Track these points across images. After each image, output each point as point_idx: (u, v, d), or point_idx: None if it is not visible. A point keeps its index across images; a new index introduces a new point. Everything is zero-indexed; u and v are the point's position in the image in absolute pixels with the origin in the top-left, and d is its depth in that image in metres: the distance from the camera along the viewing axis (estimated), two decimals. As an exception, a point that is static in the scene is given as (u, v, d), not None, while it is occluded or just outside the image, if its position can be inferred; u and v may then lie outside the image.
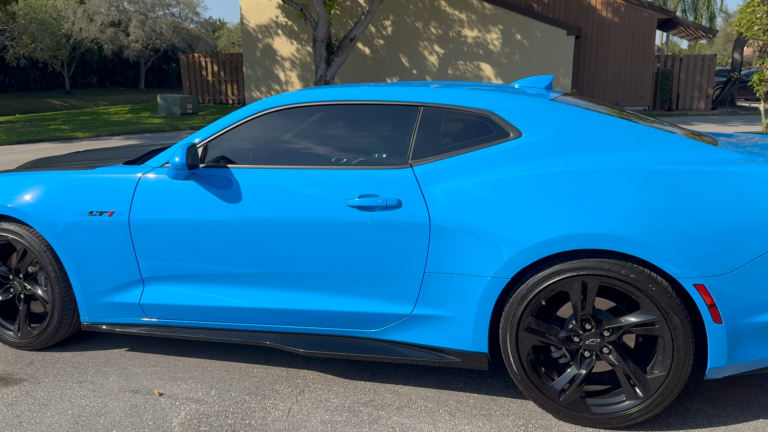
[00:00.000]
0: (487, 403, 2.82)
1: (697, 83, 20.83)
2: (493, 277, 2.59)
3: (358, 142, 3.06)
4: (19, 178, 3.37)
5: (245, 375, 3.13)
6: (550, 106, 2.78)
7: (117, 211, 3.10)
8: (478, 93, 2.87)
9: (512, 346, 2.63)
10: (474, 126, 2.80)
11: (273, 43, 21.43)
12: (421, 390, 2.95)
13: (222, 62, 22.77)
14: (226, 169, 3.02)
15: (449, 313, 2.73)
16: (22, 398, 2.93)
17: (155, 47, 40.80)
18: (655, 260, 2.40)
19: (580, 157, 2.62)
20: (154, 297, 3.15)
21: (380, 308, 2.84)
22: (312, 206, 2.84)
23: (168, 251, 3.06)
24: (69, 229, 3.17)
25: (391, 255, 2.77)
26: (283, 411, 2.79)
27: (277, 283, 2.96)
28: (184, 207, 3.01)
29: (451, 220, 2.67)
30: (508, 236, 2.56)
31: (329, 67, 17.70)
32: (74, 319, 3.37)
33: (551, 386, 2.62)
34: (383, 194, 2.76)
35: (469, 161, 2.72)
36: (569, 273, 2.50)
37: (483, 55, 19.93)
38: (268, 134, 3.11)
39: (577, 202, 2.51)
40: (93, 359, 3.34)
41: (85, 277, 3.21)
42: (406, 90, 2.96)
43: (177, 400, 2.89)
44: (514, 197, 2.59)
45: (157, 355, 3.37)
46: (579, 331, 2.59)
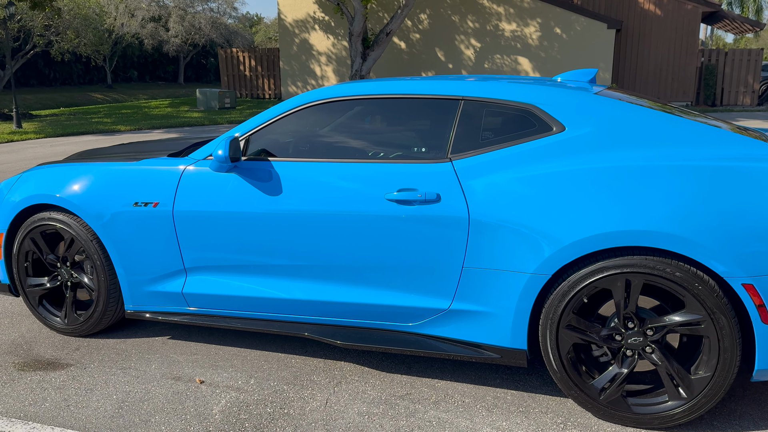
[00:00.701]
0: (525, 400, 2.80)
1: (742, 78, 20.21)
2: (534, 273, 2.56)
3: (397, 136, 3.06)
4: (68, 169, 3.46)
5: (283, 365, 3.17)
6: (594, 100, 2.73)
7: (161, 202, 3.17)
8: (520, 86, 2.84)
9: (552, 344, 2.60)
10: (516, 120, 2.77)
11: (309, 38, 21.56)
12: (457, 385, 2.94)
13: (259, 57, 23.01)
14: (267, 162, 3.06)
15: (488, 309, 2.72)
16: (69, 382, 3.03)
17: (194, 42, 41.45)
18: (702, 258, 2.34)
19: (624, 152, 2.57)
20: (196, 287, 3.21)
21: (417, 302, 2.85)
22: (351, 199, 2.85)
23: (210, 242, 3.11)
24: (115, 220, 3.25)
25: (429, 249, 2.76)
26: (320, 401, 2.81)
27: (315, 275, 2.98)
28: (226, 199, 3.05)
29: (490, 215, 2.65)
30: (549, 232, 2.53)
31: (365, 62, 17.72)
32: (119, 307, 3.46)
33: (591, 384, 2.59)
34: (422, 188, 2.76)
35: (511, 155, 2.70)
36: (613, 270, 2.46)
37: (521, 49, 19.69)
38: (307, 128, 3.14)
39: (621, 198, 2.46)
40: (136, 346, 3.43)
41: (129, 267, 3.29)
42: (446, 83, 2.95)
43: (217, 388, 2.95)
44: (557, 193, 2.56)
45: (198, 344, 3.44)
46: (621, 329, 2.55)
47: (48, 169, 3.56)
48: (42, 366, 3.21)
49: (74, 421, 2.68)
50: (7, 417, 2.73)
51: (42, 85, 33.17)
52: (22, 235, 3.50)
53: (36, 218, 3.45)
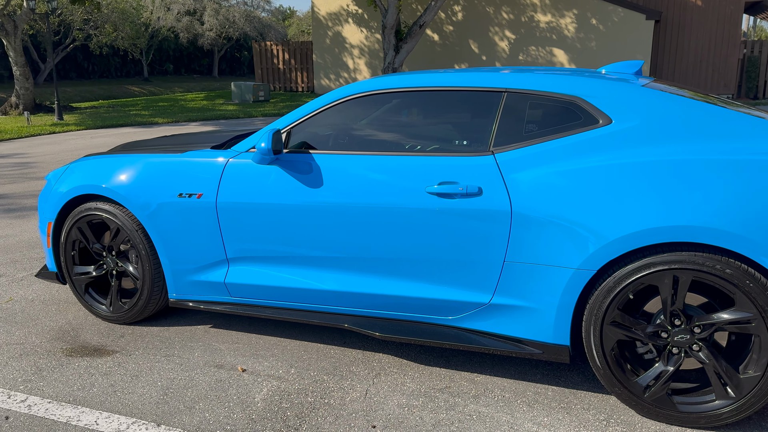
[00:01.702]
0: (566, 396, 2.78)
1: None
2: (578, 269, 2.53)
3: (438, 129, 3.05)
4: (114, 160, 3.54)
5: (323, 355, 3.20)
6: (642, 92, 2.68)
7: (205, 193, 3.22)
8: (565, 78, 2.80)
9: (596, 340, 2.57)
10: (560, 112, 2.74)
11: (342, 30, 21.60)
12: (497, 380, 2.93)
13: (293, 50, 23.14)
14: (308, 155, 3.08)
15: (530, 304, 2.70)
16: (115, 369, 3.11)
17: (228, 36, 41.91)
18: (754, 255, 2.28)
19: (673, 146, 2.52)
20: (238, 277, 3.26)
21: (458, 296, 2.84)
22: (391, 192, 2.85)
23: (252, 233, 3.15)
24: (159, 210, 3.32)
25: (470, 243, 2.75)
26: (360, 392, 2.84)
27: (355, 268, 3.00)
28: (267, 191, 3.09)
29: (534, 209, 2.62)
30: (595, 227, 2.49)
31: (397, 54, 17.68)
32: (162, 296, 3.54)
33: (636, 382, 2.55)
34: (463, 181, 2.75)
35: (555, 149, 2.67)
36: (660, 267, 2.41)
37: (556, 41, 19.41)
38: (347, 121, 3.15)
39: (670, 193, 2.41)
40: (179, 334, 3.50)
41: (173, 256, 3.36)
42: (489, 75, 2.93)
43: (259, 377, 2.99)
44: (603, 187, 2.52)
45: (239, 333, 3.50)
46: (667, 326, 2.50)
47: (94, 160, 3.65)
48: (89, 352, 3.30)
49: (121, 407, 2.75)
50: (57, 401, 2.81)
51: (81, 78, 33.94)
52: (69, 224, 3.60)
53: (83, 208, 3.54)
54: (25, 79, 18.21)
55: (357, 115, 3.14)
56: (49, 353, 3.29)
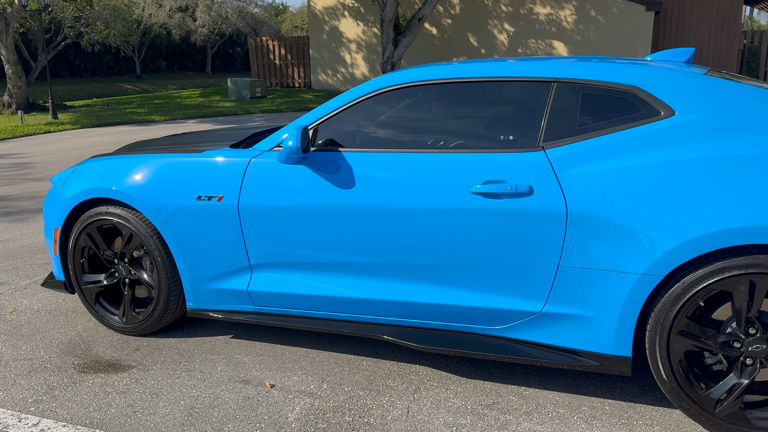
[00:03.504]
0: (625, 411, 2.57)
1: (788, 60, 19.44)
2: (644, 275, 2.32)
3: (481, 124, 2.83)
4: (125, 161, 3.31)
5: (355, 368, 2.99)
6: (705, 81, 2.47)
7: (226, 195, 2.99)
8: (621, 66, 2.59)
9: (662, 351, 2.37)
10: (617, 103, 2.52)
11: (339, 25, 21.32)
12: (548, 394, 2.72)
13: (289, 45, 22.84)
14: (338, 153, 2.86)
15: (588, 312, 2.49)
16: (132, 386, 2.88)
17: (221, 32, 41.49)
18: None
19: (744, 139, 2.31)
20: (263, 284, 3.03)
21: (505, 304, 2.63)
22: (431, 193, 2.64)
23: (278, 238, 2.93)
24: (177, 214, 3.09)
25: (520, 247, 2.54)
26: (401, 410, 2.62)
27: (392, 274, 2.78)
28: (295, 192, 2.87)
29: (592, 209, 2.41)
30: (662, 229, 2.28)
31: (396, 48, 17.44)
32: (179, 305, 3.31)
33: (706, 396, 2.35)
34: (512, 180, 2.53)
35: (613, 143, 2.45)
36: (735, 271, 2.21)
37: (555, 33, 19.19)
38: (381, 116, 2.92)
39: (745, 191, 2.20)
40: (198, 346, 3.27)
41: (192, 263, 3.13)
42: (536, 64, 2.71)
43: (290, 393, 2.77)
44: (669, 185, 2.31)
45: (263, 344, 3.27)
46: (741, 335, 2.30)
47: (104, 161, 3.41)
48: (103, 368, 3.07)
49: (143, 430, 2.53)
50: (72, 424, 2.59)
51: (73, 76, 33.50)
52: (77, 230, 3.37)
53: (93, 213, 3.31)
54: (17, 77, 17.86)
55: (392, 109, 2.91)
56: (60, 369, 3.06)
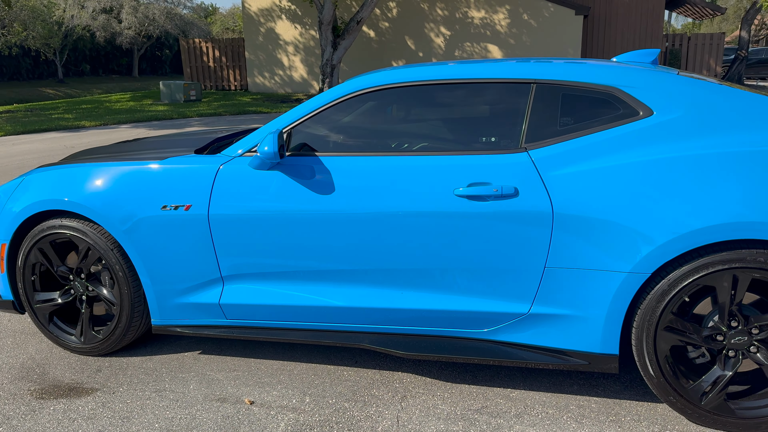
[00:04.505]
0: (612, 408, 2.60)
1: (705, 62, 20.60)
2: (631, 273, 2.35)
3: (462, 125, 2.80)
4: (78, 170, 3.09)
5: (336, 379, 2.90)
6: (681, 81, 2.53)
7: (195, 204, 2.84)
8: (599, 68, 2.62)
9: (649, 347, 2.40)
10: (596, 104, 2.55)
11: (275, 27, 21.01)
12: (534, 394, 2.72)
13: (223, 47, 22.32)
14: (315, 158, 2.76)
15: (575, 312, 2.50)
16: (99, 410, 2.69)
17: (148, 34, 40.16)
18: (822, 250, 2.17)
19: (722, 137, 2.38)
20: (236, 296, 2.90)
21: (492, 306, 2.61)
22: (415, 196, 2.59)
23: (253, 247, 2.81)
24: (140, 225, 2.91)
25: (506, 248, 2.53)
26: (390, 420, 2.56)
27: (375, 280, 2.71)
28: (271, 198, 2.75)
29: (577, 209, 2.42)
30: (648, 227, 2.32)
31: (335, 51, 17.34)
32: (143, 322, 3.12)
33: (692, 389, 2.40)
34: (497, 182, 2.51)
35: (595, 143, 2.47)
36: (719, 266, 2.27)
37: (490, 37, 19.59)
38: (358, 119, 2.85)
39: (726, 188, 2.27)
40: (166, 364, 3.10)
41: (157, 277, 2.96)
42: (515, 66, 2.71)
43: (272, 409, 2.66)
44: (653, 183, 2.35)
45: (235, 359, 3.13)
46: (723, 328, 2.36)
47: (54, 171, 3.18)
48: (63, 392, 2.85)
49: (117, 457, 2.36)
50: (37, 456, 2.38)
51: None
52: (28, 245, 3.12)
53: (45, 226, 3.07)
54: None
55: (369, 112, 2.85)
56: (15, 397, 2.82)
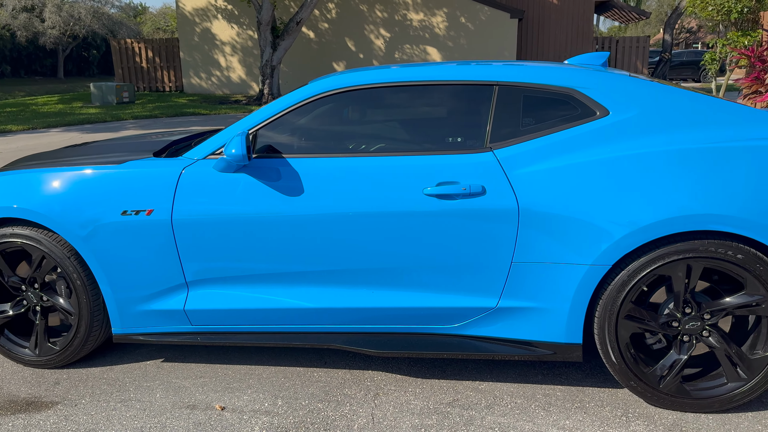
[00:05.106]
0: (576, 395, 2.72)
1: (632, 64, 21.57)
2: (593, 265, 2.47)
3: (428, 126, 2.86)
4: (27, 176, 2.97)
5: (307, 380, 2.90)
6: (634, 82, 2.67)
7: (157, 208, 2.78)
8: (557, 70, 2.73)
9: (611, 335, 2.53)
10: (556, 105, 2.66)
11: (212, 27, 20.61)
12: (502, 386, 2.81)
13: (157, 48, 21.70)
14: (283, 160, 2.76)
15: (541, 304, 2.60)
16: (62, 424, 2.59)
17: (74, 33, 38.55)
18: (765, 239, 2.34)
19: (673, 135, 2.53)
20: (202, 302, 2.85)
21: (462, 302, 2.68)
22: (385, 196, 2.62)
23: (219, 251, 2.77)
24: (99, 232, 2.82)
25: (475, 245, 2.60)
26: (365, 418, 2.58)
27: (347, 281, 2.73)
28: (238, 201, 2.73)
29: (541, 206, 2.52)
30: (607, 221, 2.44)
31: (275, 51, 17.20)
32: (103, 331, 3.03)
33: (651, 373, 2.54)
34: (465, 181, 2.59)
35: (556, 143, 2.58)
36: (674, 257, 2.41)
37: (429, 39, 19.87)
38: (327, 120, 2.86)
39: (679, 183, 2.41)
40: (128, 374, 3.01)
41: (118, 284, 2.87)
42: (478, 69, 2.78)
43: (244, 414, 2.63)
44: (611, 180, 2.47)
45: (201, 365, 3.08)
46: (678, 315, 2.51)
47: (2, 177, 3.04)
48: (21, 407, 2.73)
49: (87, 471, 2.29)
50: (-1, 475, 2.28)
51: None
52: (-25, 255, 2.97)
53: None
54: None
55: (336, 114, 2.87)
56: (-33, 415, 2.68)
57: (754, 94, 7.66)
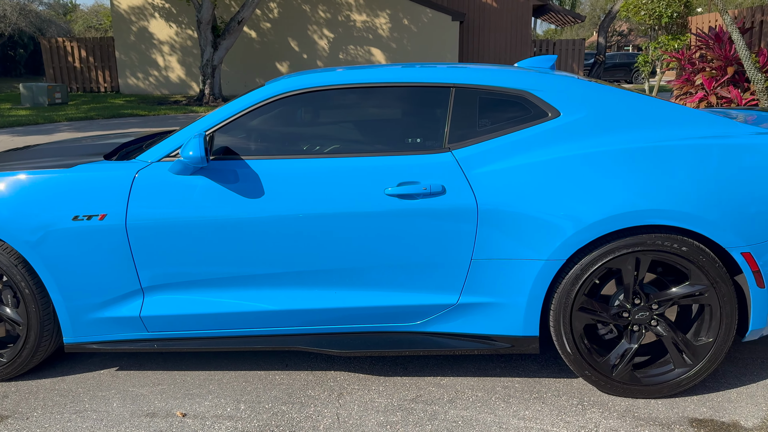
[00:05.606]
0: (533, 386, 2.81)
1: (569, 66, 22.27)
2: (548, 260, 2.56)
3: (388, 127, 2.89)
4: (-31, 180, 2.83)
5: (269, 384, 2.88)
6: (583, 85, 2.78)
7: (110, 213, 2.71)
8: (511, 73, 2.82)
9: (566, 327, 2.63)
10: (510, 107, 2.74)
11: (149, 26, 20.06)
12: (463, 380, 2.87)
13: (91, 47, 20.94)
14: (242, 161, 2.74)
15: (499, 299, 2.67)
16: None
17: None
18: (708, 232, 2.49)
19: (621, 135, 2.65)
20: (159, 308, 2.80)
21: (423, 300, 2.73)
22: (346, 197, 2.64)
23: (176, 255, 2.72)
24: (49, 238, 2.72)
25: (436, 244, 2.65)
26: (331, 418, 2.59)
27: (308, 282, 2.74)
28: (195, 205, 2.69)
29: (499, 204, 2.60)
30: (560, 218, 2.54)
31: (216, 51, 16.91)
32: (54, 340, 2.92)
33: (604, 363, 2.66)
34: (425, 181, 2.63)
35: (511, 143, 2.67)
36: (624, 250, 2.53)
37: (373, 40, 19.96)
38: (286, 121, 2.86)
39: (627, 180, 2.54)
40: (81, 384, 2.92)
41: (70, 292, 2.78)
42: (435, 71, 2.84)
43: (206, 420, 2.60)
44: (562, 178, 2.57)
45: (157, 372, 3.01)
46: (628, 306, 2.64)
47: (-60, 181, 2.88)
48: (-33, 424, 2.61)
49: (44, 486, 2.21)
50: (-52, 495, 2.18)
51: None
52: None
53: (-68, 244, 2.79)
54: None
55: (295, 115, 2.86)
56: None
57: (684, 95, 8.07)
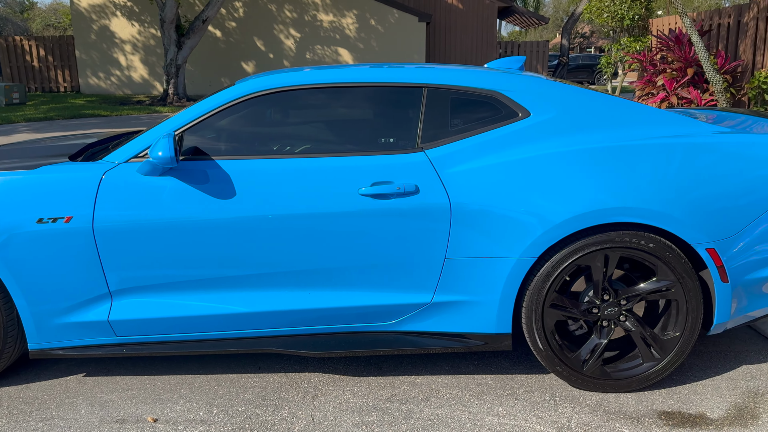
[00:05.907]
0: (506, 383, 2.84)
1: (533, 67, 22.57)
2: (520, 258, 2.59)
3: (361, 127, 2.89)
4: (-74, 182, 2.73)
5: (242, 387, 2.85)
6: (552, 86, 2.83)
7: (76, 215, 2.64)
8: (482, 73, 2.84)
9: (538, 324, 2.66)
10: (481, 107, 2.77)
11: (110, 24, 19.65)
12: (436, 378, 2.89)
13: (50, 46, 20.40)
14: (212, 162, 2.70)
15: (472, 297, 2.70)
16: (-24, 450, 2.41)
17: (-49, 29, 35.49)
18: (674, 229, 2.55)
19: (589, 135, 2.70)
20: (128, 312, 2.74)
21: (397, 299, 2.73)
22: (319, 197, 2.63)
23: (145, 258, 2.67)
24: (12, 242, 2.64)
25: (410, 243, 2.66)
26: (306, 420, 2.58)
27: (281, 283, 2.72)
28: (164, 206, 2.64)
29: (471, 203, 2.62)
30: (532, 216, 2.57)
31: (180, 50, 16.67)
32: (17, 347, 2.84)
33: (575, 358, 2.70)
34: (399, 180, 2.64)
35: (482, 143, 2.69)
36: (594, 247, 2.58)
37: (340, 40, 19.91)
38: (256, 121, 2.83)
39: (595, 179, 2.58)
40: (47, 391, 2.84)
41: (35, 297, 2.71)
42: (407, 71, 2.85)
43: (179, 425, 2.56)
44: (531, 177, 2.61)
45: (126, 377, 2.95)
46: (597, 302, 2.69)
47: None
48: (-74, 435, 2.52)
49: (10, 497, 2.14)
50: None
51: None
52: None
53: None
54: None
55: (266, 115, 2.84)
56: None
57: (646, 95, 8.26)
